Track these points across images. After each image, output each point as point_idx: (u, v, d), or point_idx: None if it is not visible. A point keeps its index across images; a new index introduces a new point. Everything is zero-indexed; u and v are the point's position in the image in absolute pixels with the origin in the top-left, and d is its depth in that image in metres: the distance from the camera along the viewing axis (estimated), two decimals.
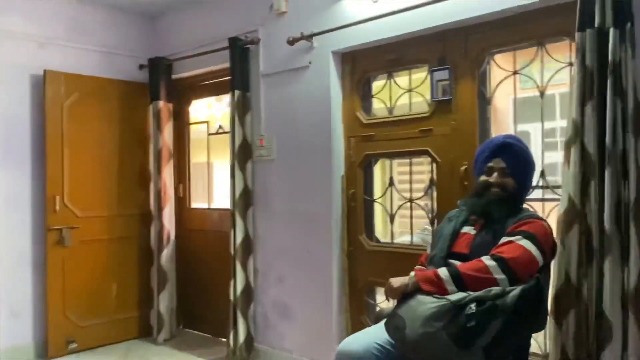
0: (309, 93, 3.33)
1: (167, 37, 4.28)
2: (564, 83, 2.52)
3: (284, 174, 3.49)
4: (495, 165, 2.10)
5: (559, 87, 2.85)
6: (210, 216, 4.23)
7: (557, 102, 3.52)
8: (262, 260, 3.63)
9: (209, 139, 4.32)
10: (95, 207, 4.02)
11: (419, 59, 2.95)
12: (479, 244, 2.04)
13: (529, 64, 2.63)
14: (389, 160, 3.22)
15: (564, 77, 2.51)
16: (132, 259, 4.21)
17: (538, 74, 2.59)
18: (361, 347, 2.03)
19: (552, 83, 2.56)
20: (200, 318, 4.27)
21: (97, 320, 4.01)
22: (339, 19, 3.12)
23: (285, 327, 3.49)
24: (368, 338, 2.12)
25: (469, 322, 1.77)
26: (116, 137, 4.14)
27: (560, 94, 3.25)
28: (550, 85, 2.56)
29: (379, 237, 3.27)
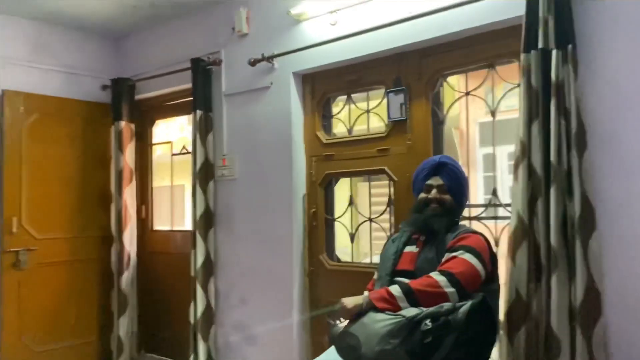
0: (270, 113, 3.35)
1: (131, 58, 4.27)
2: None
3: (246, 193, 3.49)
4: (433, 182, 2.22)
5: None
6: (173, 238, 4.18)
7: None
8: (224, 281, 3.59)
9: (173, 159, 4.29)
10: (54, 229, 3.94)
11: (377, 80, 3.00)
12: (423, 260, 2.12)
13: (479, 85, 2.69)
14: (349, 179, 3.24)
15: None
16: (92, 282, 4.12)
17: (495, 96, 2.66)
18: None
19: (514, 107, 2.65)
20: (161, 342, 4.18)
21: (54, 345, 3.89)
22: (299, 41, 3.16)
23: (247, 349, 3.44)
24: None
25: (425, 338, 1.80)
26: (77, 157, 4.09)
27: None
28: (512, 110, 2.63)
29: (340, 257, 3.28)
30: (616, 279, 2.10)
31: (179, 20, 3.89)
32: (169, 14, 3.84)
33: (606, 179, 2.13)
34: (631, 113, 2.09)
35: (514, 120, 2.30)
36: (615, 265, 2.11)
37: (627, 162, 2.10)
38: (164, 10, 3.78)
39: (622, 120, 2.11)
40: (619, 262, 2.10)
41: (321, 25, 3.06)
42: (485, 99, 2.69)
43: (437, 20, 2.60)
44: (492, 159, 2.88)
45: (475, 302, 1.82)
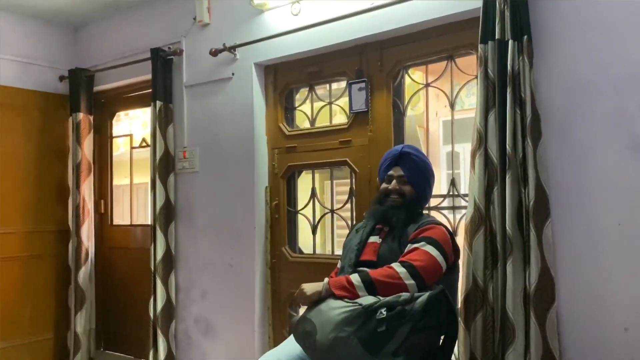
0: (232, 104, 3.31)
1: (89, 48, 4.17)
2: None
3: (207, 186, 3.44)
4: (394, 173, 2.22)
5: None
6: (133, 233, 4.10)
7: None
8: (185, 275, 3.54)
9: (134, 154, 4.20)
10: (8, 223, 3.81)
11: (339, 72, 3.00)
12: (385, 251, 2.11)
13: (439, 77, 2.72)
14: (311, 171, 3.23)
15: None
16: (48, 277, 4.00)
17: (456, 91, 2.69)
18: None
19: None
20: (121, 338, 4.09)
21: (8, 343, 3.77)
22: (261, 31, 3.14)
23: (208, 344, 3.40)
24: (283, 351, 2.11)
25: (379, 326, 1.79)
26: (33, 149, 3.97)
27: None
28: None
29: (302, 249, 3.27)
30: (569, 265, 2.15)
31: (139, 10, 3.81)
32: (129, 3, 3.76)
33: (560, 167, 2.18)
34: (585, 102, 2.14)
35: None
36: (569, 252, 2.15)
37: (580, 150, 2.15)
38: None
39: (576, 109, 2.16)
40: (572, 249, 2.15)
41: (283, 16, 3.04)
42: (446, 92, 2.72)
43: (398, 12, 2.62)
44: (452, 155, 2.91)
45: (433, 294, 1.82)
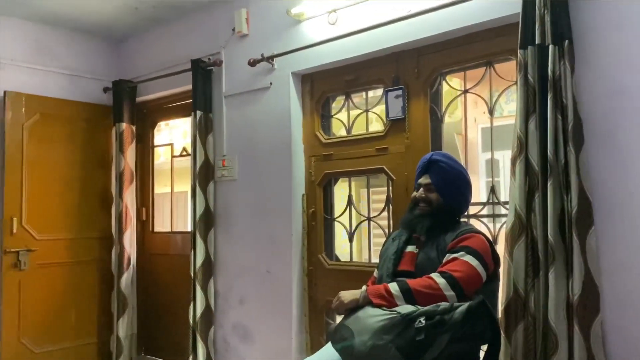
0: (270, 113, 3.36)
1: (132, 60, 4.30)
2: None
3: (245, 194, 3.49)
4: (422, 181, 2.20)
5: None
6: (173, 240, 4.18)
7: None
8: (223, 282, 3.59)
9: (175, 162, 4.30)
10: (55, 230, 3.95)
11: (375, 79, 3.01)
12: (423, 260, 2.09)
13: (478, 83, 2.70)
14: (348, 178, 3.24)
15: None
16: (91, 283, 4.12)
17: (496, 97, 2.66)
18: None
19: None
20: (161, 343, 4.17)
21: (54, 346, 3.89)
22: (299, 41, 3.18)
23: (245, 350, 3.43)
24: (321, 358, 2.12)
25: (418, 335, 1.78)
26: (79, 159, 4.11)
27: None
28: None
29: (339, 256, 3.27)
30: (614, 275, 2.09)
31: (179, 22, 3.92)
32: (170, 16, 3.87)
33: (603, 174, 2.12)
34: (628, 107, 2.09)
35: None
36: (613, 261, 2.09)
37: (624, 156, 2.09)
38: (165, 12, 3.80)
39: (619, 115, 2.11)
40: (616, 258, 2.09)
41: (320, 25, 3.08)
42: (485, 99, 2.69)
43: (435, 19, 2.61)
44: (494, 163, 2.87)
45: (473, 304, 1.79)
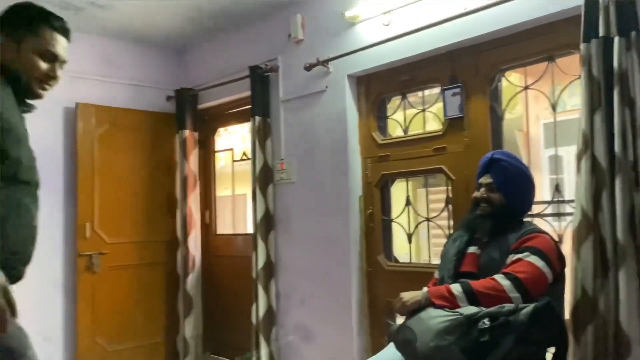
0: (326, 116, 3.40)
1: (193, 69, 4.45)
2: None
3: (303, 196, 3.54)
4: (483, 181, 2.16)
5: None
6: (235, 241, 4.30)
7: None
8: (284, 283, 3.65)
9: (235, 167, 4.42)
10: (123, 234, 4.14)
11: (432, 79, 2.98)
12: (486, 261, 2.06)
13: (539, 78, 2.63)
14: (405, 179, 3.23)
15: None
16: (159, 284, 4.29)
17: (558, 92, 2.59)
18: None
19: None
20: (225, 343, 4.29)
21: (125, 345, 4.08)
22: (353, 43, 3.20)
23: (307, 350, 3.48)
24: (384, 359, 2.13)
25: (482, 336, 1.76)
26: (145, 165, 4.29)
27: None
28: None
29: (397, 257, 3.26)
30: None
31: (237, 31, 4.02)
32: (228, 25, 3.98)
33: None
34: None
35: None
36: None
37: None
38: (223, 21, 3.92)
39: None
40: None
41: (375, 27, 3.09)
42: (547, 94, 2.62)
43: (492, 15, 2.57)
44: (557, 159, 2.79)
45: (539, 305, 1.75)
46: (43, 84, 1.67)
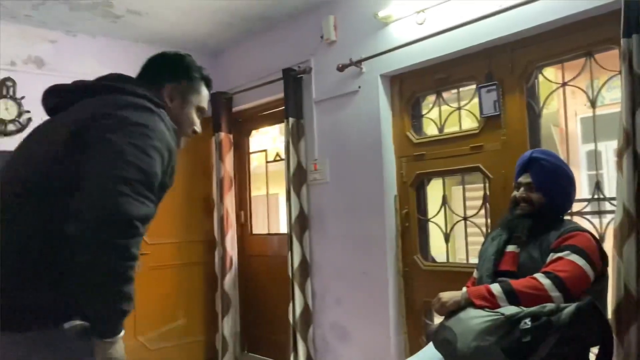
0: (359, 116, 3.41)
1: (227, 72, 4.52)
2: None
3: (338, 196, 3.56)
4: (522, 180, 2.14)
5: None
6: (270, 241, 4.35)
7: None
8: (319, 282, 3.68)
9: (268, 167, 4.48)
10: (163, 234, 4.23)
11: (467, 77, 2.97)
12: (526, 260, 2.04)
13: (577, 75, 2.58)
14: (441, 178, 3.21)
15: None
16: (197, 284, 4.39)
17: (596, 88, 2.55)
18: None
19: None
20: (263, 342, 4.35)
21: (165, 343, 4.18)
22: (386, 43, 3.20)
23: (344, 349, 3.50)
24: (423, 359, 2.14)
25: (524, 337, 1.75)
26: (183, 167, 4.32)
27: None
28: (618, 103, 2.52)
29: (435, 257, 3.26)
30: None
31: (270, 33, 4.07)
32: (261, 28, 4.03)
33: None
34: None
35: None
36: None
37: None
38: (256, 25, 3.97)
39: None
40: None
41: (408, 26, 3.08)
42: (584, 90, 2.58)
43: (529, 11, 2.54)
44: (595, 155, 2.74)
45: (581, 305, 1.74)
46: (188, 138, 1.64)
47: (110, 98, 1.37)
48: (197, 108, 1.60)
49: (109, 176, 1.20)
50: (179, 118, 1.54)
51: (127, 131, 1.26)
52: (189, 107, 1.58)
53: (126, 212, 1.17)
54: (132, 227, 1.18)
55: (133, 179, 1.21)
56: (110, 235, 1.16)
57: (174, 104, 1.55)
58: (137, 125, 1.28)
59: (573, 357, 1.81)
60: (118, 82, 1.45)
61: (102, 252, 1.17)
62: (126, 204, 1.18)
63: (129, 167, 1.21)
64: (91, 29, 3.91)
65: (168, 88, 1.54)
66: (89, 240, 1.16)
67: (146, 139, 1.27)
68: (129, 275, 1.22)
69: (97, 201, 1.18)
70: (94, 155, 1.24)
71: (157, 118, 1.34)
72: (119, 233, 1.17)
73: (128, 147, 1.24)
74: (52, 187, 1.26)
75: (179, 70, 1.57)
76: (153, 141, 1.28)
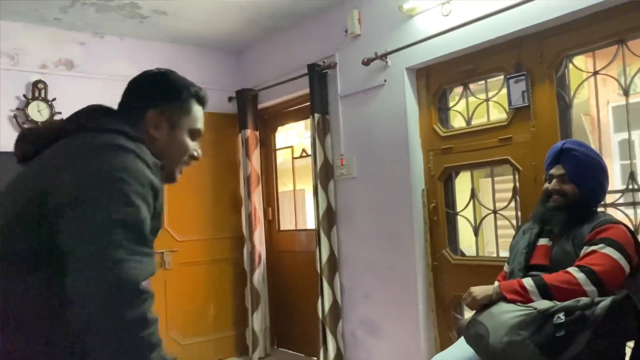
0: (385, 110, 3.39)
1: (252, 69, 4.55)
2: None
3: (365, 191, 3.56)
4: (555, 172, 2.09)
5: None
6: (298, 237, 4.37)
7: None
8: (348, 277, 3.69)
9: (295, 163, 4.49)
10: (192, 231, 4.30)
11: (495, 68, 2.92)
12: (558, 254, 2.01)
13: (609, 63, 2.52)
14: (470, 171, 3.18)
15: None
16: (227, 279, 4.43)
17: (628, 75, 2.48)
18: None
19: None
20: (292, 337, 4.38)
21: (196, 339, 4.24)
22: (412, 36, 3.17)
23: (374, 344, 3.50)
24: (454, 354, 2.12)
25: (557, 331, 1.73)
26: (210, 165, 4.43)
27: None
28: None
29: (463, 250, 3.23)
30: None
31: (294, 29, 4.07)
32: (285, 24, 4.04)
33: None
34: None
35: None
36: None
37: None
38: (280, 21, 3.98)
39: None
40: None
41: (433, 18, 3.05)
42: (616, 78, 2.52)
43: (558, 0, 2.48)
44: (629, 144, 2.67)
45: (617, 298, 1.70)
46: (183, 167, 1.40)
47: (76, 143, 1.18)
48: (190, 132, 1.36)
49: (98, 246, 1.04)
50: (169, 148, 1.32)
51: (101, 183, 1.08)
52: (179, 133, 1.33)
53: (130, 281, 1.03)
54: (141, 294, 1.04)
55: (124, 239, 1.05)
56: (122, 314, 1.01)
57: (160, 132, 1.31)
58: (111, 172, 1.10)
59: (608, 352, 1.77)
60: (90, 118, 1.25)
61: (120, 334, 1.02)
62: (127, 271, 1.03)
63: (115, 227, 1.05)
64: (119, 30, 3.97)
65: (151, 115, 1.29)
66: (101, 327, 1.01)
67: (124, 186, 1.08)
68: (153, 341, 1.06)
69: (95, 279, 1.02)
70: (71, 222, 1.06)
71: (132, 157, 1.14)
72: (131, 306, 1.03)
73: (106, 202, 1.06)
74: (23, 262, 1.09)
75: (161, 92, 1.34)
76: (133, 187, 1.09)
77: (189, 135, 1.36)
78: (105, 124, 1.22)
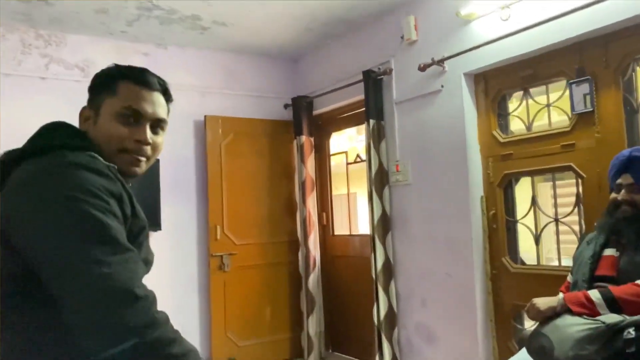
0: (442, 116, 3.37)
1: (308, 77, 4.61)
2: None
3: (420, 197, 3.54)
4: (623, 181, 2.02)
5: None
6: (352, 242, 4.39)
7: None
8: (404, 284, 3.68)
9: (348, 168, 4.52)
10: (250, 235, 4.39)
11: (556, 72, 2.85)
12: (626, 265, 1.94)
13: None
14: (530, 178, 3.11)
15: None
16: (282, 283, 4.50)
17: None
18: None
19: None
20: (347, 341, 4.40)
21: (254, 340, 4.33)
22: (469, 41, 3.14)
23: (430, 351, 3.48)
24: None
25: (627, 347, 1.68)
26: (266, 171, 4.52)
27: None
28: None
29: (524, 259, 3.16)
30: None
31: (349, 36, 4.11)
32: (340, 31, 4.08)
33: None
34: None
35: None
36: None
37: None
38: (334, 28, 4.02)
39: None
40: None
41: (492, 23, 3.01)
42: None
43: (624, 2, 2.40)
44: None
45: None
46: (133, 157, 1.21)
47: (31, 169, 1.09)
48: (121, 115, 1.19)
49: (79, 274, 0.99)
50: (97, 138, 1.19)
51: (57, 209, 1.02)
52: (102, 119, 1.20)
53: (123, 291, 0.99)
54: (138, 298, 1.00)
55: (100, 255, 1.00)
56: (127, 325, 0.98)
57: (87, 124, 1.22)
58: (64, 194, 1.03)
59: None
60: (46, 137, 1.17)
61: (132, 342, 0.98)
62: (115, 283, 0.99)
63: (88, 249, 1.00)
64: (180, 40, 4.12)
65: (80, 111, 1.24)
66: (112, 343, 0.98)
67: (81, 205, 1.02)
68: (171, 336, 1.03)
69: (89, 303, 0.99)
70: (42, 256, 1.02)
71: (81, 171, 1.06)
72: (134, 313, 0.99)
73: (70, 227, 1.01)
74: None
75: (93, 86, 1.25)
76: (90, 201, 1.03)
77: (121, 118, 1.20)
78: (50, 140, 1.15)
